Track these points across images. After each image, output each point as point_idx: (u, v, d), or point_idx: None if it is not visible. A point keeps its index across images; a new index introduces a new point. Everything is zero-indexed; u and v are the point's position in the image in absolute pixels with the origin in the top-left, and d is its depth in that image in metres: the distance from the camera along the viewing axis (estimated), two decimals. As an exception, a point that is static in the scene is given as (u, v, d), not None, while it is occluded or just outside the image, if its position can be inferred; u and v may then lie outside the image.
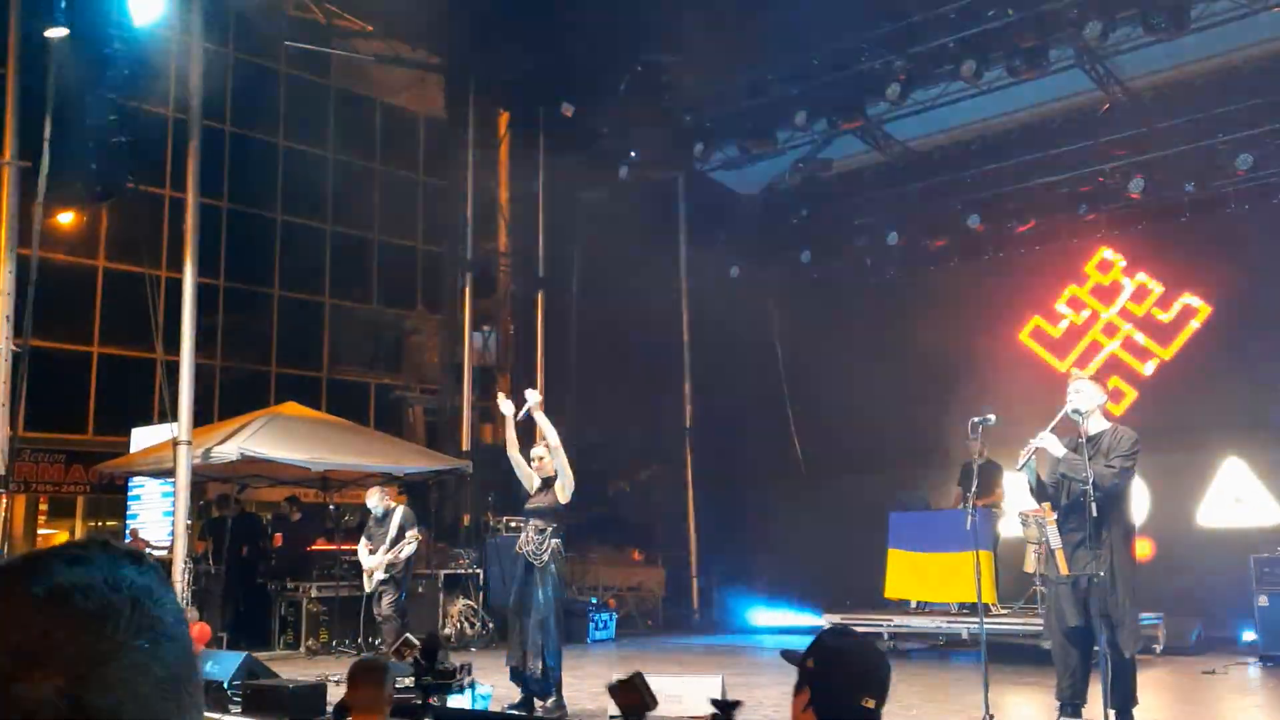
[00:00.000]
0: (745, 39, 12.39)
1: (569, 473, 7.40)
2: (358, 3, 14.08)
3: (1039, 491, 6.36)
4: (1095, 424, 6.16)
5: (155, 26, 10.37)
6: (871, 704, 2.29)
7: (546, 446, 7.54)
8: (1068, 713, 6.20)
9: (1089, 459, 5.93)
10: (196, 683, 0.71)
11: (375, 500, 10.40)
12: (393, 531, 10.05)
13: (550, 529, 7.39)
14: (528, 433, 8.04)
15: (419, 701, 5.19)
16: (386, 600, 10.12)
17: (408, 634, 7.34)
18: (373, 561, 10.11)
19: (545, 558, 7.31)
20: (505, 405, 7.71)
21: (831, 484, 13.93)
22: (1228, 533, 11.40)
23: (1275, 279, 11.57)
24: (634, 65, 13.28)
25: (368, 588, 10.24)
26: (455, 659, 10.16)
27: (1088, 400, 6.16)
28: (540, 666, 7.19)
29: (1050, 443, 6.11)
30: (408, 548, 10.09)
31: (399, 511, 10.28)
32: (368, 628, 11.69)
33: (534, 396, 7.49)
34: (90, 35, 10.29)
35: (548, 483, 7.51)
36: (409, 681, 6.77)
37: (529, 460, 7.59)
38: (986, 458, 8.74)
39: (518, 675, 7.37)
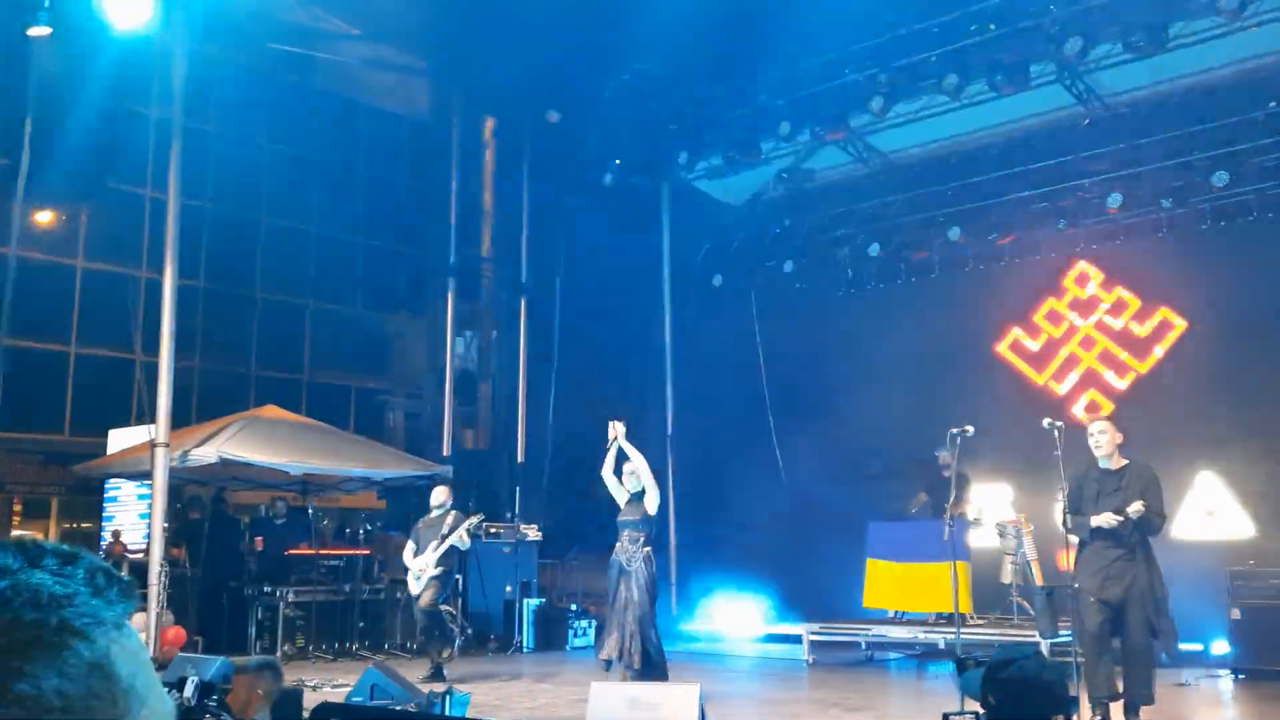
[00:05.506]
0: (731, 49, 12.45)
1: (656, 487, 8.39)
2: (345, 5, 14.06)
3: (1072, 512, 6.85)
4: (1115, 460, 6.74)
5: (138, 26, 10.33)
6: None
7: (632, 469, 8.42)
8: (1102, 711, 6.59)
9: (1114, 492, 6.56)
10: (103, 697, 0.61)
11: (441, 498, 10.49)
12: (445, 530, 10.09)
13: (642, 537, 8.28)
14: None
15: None
16: (428, 595, 9.99)
17: None
18: (422, 561, 10.04)
19: (640, 563, 8.20)
20: (617, 428, 8.56)
21: (812, 493, 13.96)
22: (1201, 545, 11.49)
23: (1249, 295, 11.72)
24: (620, 73, 13.33)
25: (415, 589, 10.08)
26: (436, 662, 10.18)
27: (1109, 444, 6.76)
28: (639, 657, 7.94)
29: (1104, 520, 6.54)
30: (459, 542, 10.11)
31: (453, 513, 10.40)
32: (352, 629, 11.58)
33: (620, 428, 8.36)
34: (73, 34, 10.27)
35: (637, 496, 8.39)
36: None
37: (621, 477, 8.44)
38: (958, 469, 8.86)
39: (611, 666, 8.11)
